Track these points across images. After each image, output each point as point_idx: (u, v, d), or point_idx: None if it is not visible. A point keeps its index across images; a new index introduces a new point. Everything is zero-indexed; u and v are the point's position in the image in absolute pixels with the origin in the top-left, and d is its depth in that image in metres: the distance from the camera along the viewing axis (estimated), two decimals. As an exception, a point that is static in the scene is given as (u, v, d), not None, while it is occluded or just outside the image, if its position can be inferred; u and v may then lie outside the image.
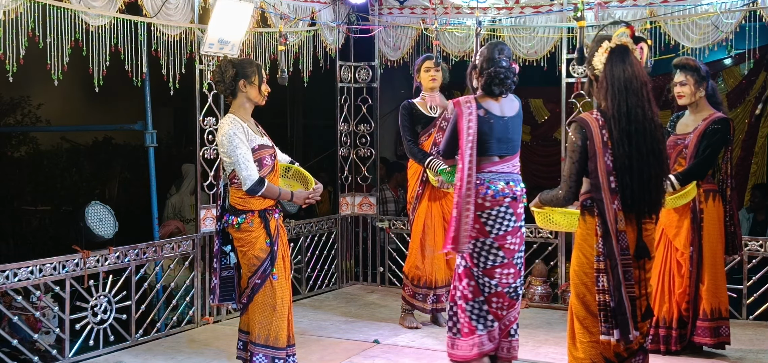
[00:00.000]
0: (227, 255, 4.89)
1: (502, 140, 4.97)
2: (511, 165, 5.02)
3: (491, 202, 4.90)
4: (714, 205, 5.47)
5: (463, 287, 4.99)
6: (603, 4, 6.75)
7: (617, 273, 3.84)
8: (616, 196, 3.87)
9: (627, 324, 3.83)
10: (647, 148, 3.88)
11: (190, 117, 6.74)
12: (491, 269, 4.93)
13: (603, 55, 3.95)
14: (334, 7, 7.57)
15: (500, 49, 5.01)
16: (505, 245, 4.93)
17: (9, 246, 10.03)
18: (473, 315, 4.97)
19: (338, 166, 8.02)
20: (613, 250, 3.85)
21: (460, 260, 5.01)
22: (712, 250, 5.47)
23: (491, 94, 4.98)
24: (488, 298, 4.96)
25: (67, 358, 5.52)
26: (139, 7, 5.84)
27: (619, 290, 3.84)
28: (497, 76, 4.94)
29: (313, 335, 6.20)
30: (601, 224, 3.89)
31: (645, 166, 3.87)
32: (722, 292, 5.53)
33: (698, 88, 5.43)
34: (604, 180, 3.87)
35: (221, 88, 4.88)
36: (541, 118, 10.75)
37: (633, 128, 3.86)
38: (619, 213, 3.87)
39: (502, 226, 4.91)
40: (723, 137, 5.38)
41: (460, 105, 4.94)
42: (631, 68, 3.90)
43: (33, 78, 6.83)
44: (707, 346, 5.52)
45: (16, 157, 10.93)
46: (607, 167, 3.87)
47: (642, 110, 3.88)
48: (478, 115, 4.89)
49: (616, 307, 3.85)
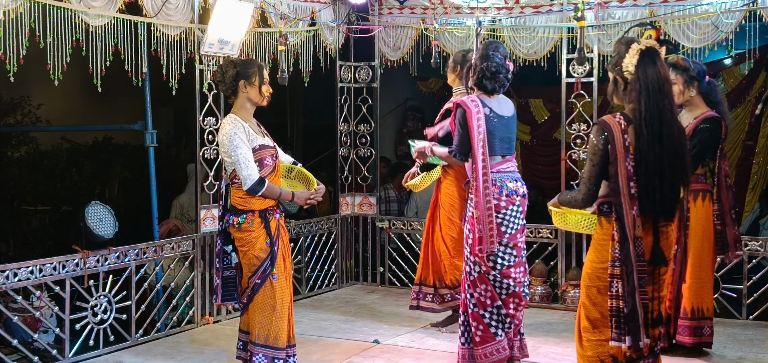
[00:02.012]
0: (229, 255, 4.89)
1: (504, 140, 5.00)
2: (513, 164, 5.07)
3: (506, 201, 4.93)
4: (703, 205, 5.46)
5: (478, 294, 4.96)
6: (603, 4, 6.75)
7: (632, 279, 3.81)
8: (634, 202, 3.84)
9: (638, 331, 3.81)
10: (675, 150, 3.87)
11: (190, 117, 6.73)
12: (507, 270, 4.95)
13: (634, 56, 3.89)
14: (334, 7, 7.57)
15: (495, 48, 5.05)
16: (517, 244, 4.98)
17: (9, 246, 10.04)
18: (492, 321, 4.94)
19: (338, 166, 8.02)
20: (629, 255, 3.82)
21: (473, 266, 4.97)
22: (697, 250, 5.46)
23: (484, 90, 5.00)
24: (505, 300, 4.95)
25: (67, 358, 5.53)
26: (139, 7, 5.84)
27: (633, 296, 3.81)
28: (488, 70, 4.96)
29: (313, 335, 6.20)
30: (619, 229, 3.85)
31: (672, 169, 3.86)
32: (706, 292, 5.52)
33: (687, 87, 5.44)
34: (625, 185, 3.84)
35: (222, 88, 4.89)
36: (541, 118, 10.75)
37: (665, 131, 3.83)
38: (637, 219, 3.85)
39: (515, 224, 4.96)
40: (712, 136, 5.38)
41: (467, 103, 4.93)
42: (662, 70, 3.88)
43: (33, 78, 6.83)
44: (688, 345, 5.50)
45: (16, 157, 10.93)
46: (627, 172, 3.84)
47: (671, 113, 3.87)
48: (485, 113, 4.91)
49: (630, 313, 3.82)
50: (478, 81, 5.00)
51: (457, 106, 5.04)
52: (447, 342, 5.94)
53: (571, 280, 7.02)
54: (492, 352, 4.94)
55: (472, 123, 4.87)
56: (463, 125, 4.93)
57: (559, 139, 7.31)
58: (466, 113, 4.91)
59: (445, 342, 5.95)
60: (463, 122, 4.93)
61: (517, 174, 5.09)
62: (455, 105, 5.09)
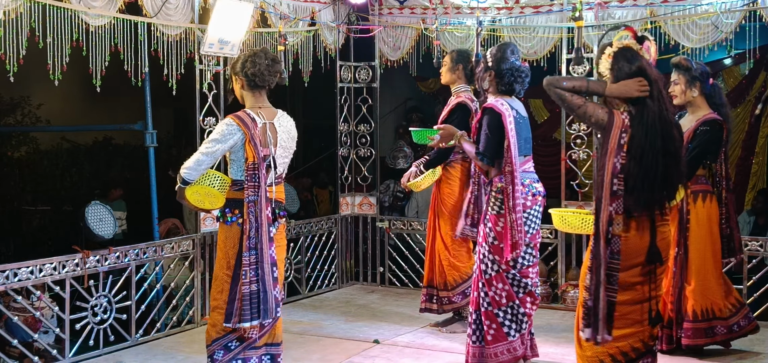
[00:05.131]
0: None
1: (527, 140, 5.06)
2: (532, 164, 5.12)
3: (532, 201, 4.97)
4: (703, 206, 5.45)
5: (493, 293, 4.94)
6: (603, 4, 6.75)
7: (600, 274, 3.87)
8: (615, 199, 3.87)
9: (598, 325, 3.86)
10: (667, 145, 3.88)
11: (190, 117, 6.73)
12: (527, 269, 4.97)
13: (607, 60, 3.96)
14: (334, 7, 7.57)
15: (512, 50, 5.07)
16: (536, 243, 5.03)
17: (9, 246, 10.05)
18: (506, 320, 4.94)
19: (338, 166, 8.02)
20: (600, 250, 3.87)
21: (490, 265, 4.95)
22: (699, 251, 5.45)
23: (511, 93, 5.03)
24: (523, 299, 4.96)
25: (67, 358, 5.53)
26: (139, 7, 5.84)
27: (598, 290, 3.86)
28: (520, 73, 5.01)
29: (313, 335, 6.20)
30: (594, 223, 3.91)
31: (665, 165, 3.87)
32: (715, 293, 5.49)
33: (690, 87, 5.43)
34: (609, 181, 3.87)
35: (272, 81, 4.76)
36: (541, 118, 10.75)
37: (656, 123, 3.86)
38: (615, 216, 3.87)
39: (536, 224, 5.00)
40: (712, 138, 5.37)
41: (500, 108, 4.91)
42: (641, 63, 3.91)
43: (33, 78, 6.83)
44: (697, 346, 5.49)
45: (16, 157, 10.94)
46: (614, 169, 3.87)
47: (658, 102, 3.88)
48: (513, 116, 4.93)
49: (592, 306, 3.88)
50: (508, 85, 5.01)
51: (485, 110, 4.99)
52: (447, 342, 5.94)
53: (571, 280, 7.03)
54: (503, 351, 4.93)
55: (508, 127, 4.86)
56: (497, 129, 4.89)
57: (559, 140, 7.31)
58: (501, 117, 4.88)
59: (445, 342, 5.95)
60: (498, 126, 4.88)
61: (536, 174, 5.12)
62: (483, 108, 5.04)
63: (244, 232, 4.48)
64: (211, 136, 4.57)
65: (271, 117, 4.66)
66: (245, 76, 4.62)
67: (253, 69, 4.60)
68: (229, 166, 4.65)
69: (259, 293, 4.48)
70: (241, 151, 4.54)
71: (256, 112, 4.61)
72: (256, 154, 4.49)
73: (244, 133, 4.50)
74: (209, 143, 4.53)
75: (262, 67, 4.60)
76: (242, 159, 4.54)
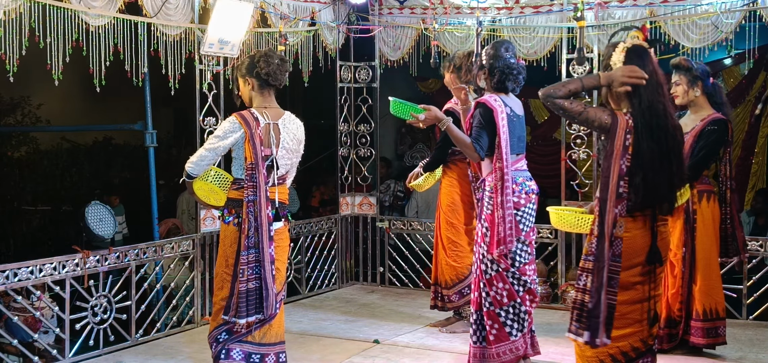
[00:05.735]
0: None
1: (520, 138, 5.06)
2: (525, 163, 5.11)
3: (525, 199, 4.97)
4: (708, 206, 5.46)
5: (495, 293, 4.94)
6: (603, 4, 6.75)
7: (602, 276, 3.84)
8: (621, 201, 3.85)
9: (598, 328, 3.83)
10: (668, 146, 3.87)
11: (190, 117, 6.73)
12: (524, 267, 4.98)
13: (620, 54, 3.92)
14: (334, 7, 7.57)
15: (506, 47, 5.07)
16: (531, 241, 5.03)
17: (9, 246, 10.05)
18: (508, 319, 4.94)
19: (338, 166, 8.02)
20: (603, 252, 3.85)
21: (489, 265, 4.95)
22: (705, 251, 5.46)
23: (504, 90, 5.03)
24: (523, 297, 4.97)
25: (67, 358, 5.53)
26: (139, 7, 5.84)
27: (599, 293, 3.84)
28: (511, 71, 5.00)
29: (313, 335, 6.20)
30: (598, 225, 3.88)
31: (666, 164, 3.86)
32: (717, 293, 5.52)
33: (691, 87, 5.44)
34: (614, 182, 3.85)
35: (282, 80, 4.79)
36: (541, 118, 10.74)
37: (654, 123, 3.85)
38: (619, 219, 3.85)
39: (530, 222, 5.00)
40: (719, 138, 5.37)
41: (491, 103, 4.92)
42: (651, 66, 3.89)
43: (33, 78, 6.83)
44: (702, 346, 5.51)
45: (16, 157, 10.95)
46: (620, 171, 3.85)
47: (663, 107, 3.88)
48: (507, 113, 4.93)
49: (593, 309, 3.85)
50: (500, 82, 5.01)
51: (478, 104, 5.00)
52: (447, 342, 5.94)
53: (571, 280, 7.03)
54: (505, 351, 4.93)
55: (500, 123, 4.87)
56: (488, 124, 4.90)
57: (559, 140, 7.32)
58: (493, 112, 4.89)
59: (445, 342, 5.95)
60: (489, 121, 4.89)
61: (529, 172, 5.13)
62: (476, 103, 5.05)
63: (243, 231, 4.50)
64: (215, 133, 4.64)
65: (276, 117, 4.66)
66: (257, 76, 4.64)
67: (267, 68, 4.61)
68: (232, 164, 4.68)
69: (260, 290, 4.53)
70: (242, 149, 4.55)
71: (261, 112, 4.62)
72: (255, 155, 4.49)
73: (245, 131, 4.51)
74: (212, 139, 4.61)
75: (274, 67, 4.63)
76: (242, 158, 4.55)
